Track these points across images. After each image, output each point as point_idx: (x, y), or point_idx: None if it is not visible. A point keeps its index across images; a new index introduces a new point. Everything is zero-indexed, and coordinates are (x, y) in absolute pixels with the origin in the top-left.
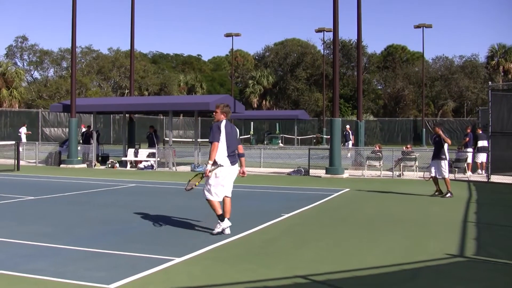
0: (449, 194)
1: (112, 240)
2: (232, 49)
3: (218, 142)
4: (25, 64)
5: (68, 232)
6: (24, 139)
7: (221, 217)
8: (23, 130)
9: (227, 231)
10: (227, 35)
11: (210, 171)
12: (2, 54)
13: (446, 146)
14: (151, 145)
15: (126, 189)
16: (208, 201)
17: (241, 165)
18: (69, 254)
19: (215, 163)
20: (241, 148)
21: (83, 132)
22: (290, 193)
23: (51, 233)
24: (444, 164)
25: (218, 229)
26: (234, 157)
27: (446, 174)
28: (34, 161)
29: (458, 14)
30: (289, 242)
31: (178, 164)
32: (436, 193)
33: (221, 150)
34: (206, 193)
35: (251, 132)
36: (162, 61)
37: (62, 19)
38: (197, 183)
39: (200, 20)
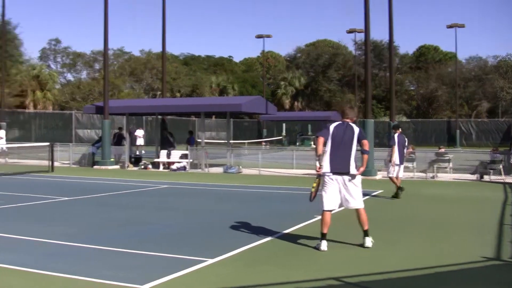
0: None
1: (144, 241)
2: (263, 50)
3: (323, 138)
4: (58, 66)
5: (100, 232)
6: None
7: (323, 236)
8: (139, 133)
9: (323, 247)
10: (258, 37)
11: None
12: (36, 57)
13: None
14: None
15: (159, 190)
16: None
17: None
18: (101, 254)
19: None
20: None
21: (115, 133)
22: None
23: (83, 234)
24: None
25: (316, 245)
26: (340, 162)
27: None
28: (68, 162)
29: (491, 13)
30: None
31: (211, 165)
32: None
33: (326, 152)
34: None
35: (283, 134)
36: (193, 63)
37: (94, 22)
38: (314, 184)
39: (231, 21)
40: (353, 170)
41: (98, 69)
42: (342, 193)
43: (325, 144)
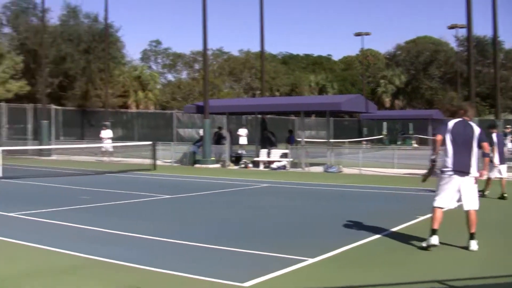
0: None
1: (244, 239)
2: (362, 48)
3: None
4: (159, 67)
5: (200, 229)
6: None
7: (433, 232)
8: (242, 132)
9: (433, 241)
10: (357, 34)
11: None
12: (138, 58)
13: None
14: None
15: (259, 189)
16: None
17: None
18: (201, 251)
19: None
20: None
21: (215, 132)
22: (426, 195)
23: (183, 231)
24: None
25: (424, 244)
26: (462, 161)
27: None
28: (170, 161)
29: None
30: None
31: (311, 164)
32: None
33: (447, 150)
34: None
35: (384, 132)
36: (292, 62)
37: (194, 23)
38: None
39: (330, 19)
40: (473, 171)
41: (197, 69)
42: (459, 193)
43: (443, 143)
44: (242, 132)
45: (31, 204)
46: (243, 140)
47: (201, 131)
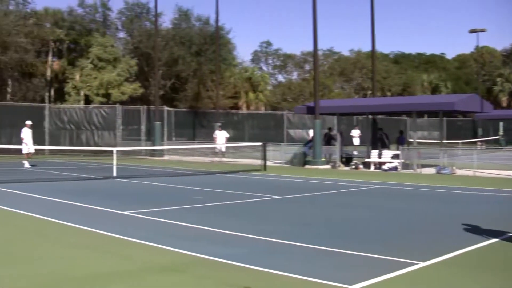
0: None
1: (350, 240)
2: (477, 45)
3: None
4: (269, 68)
5: (307, 230)
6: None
7: None
8: (355, 133)
9: None
10: (472, 31)
11: None
12: (249, 59)
13: None
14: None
15: (369, 190)
16: None
17: None
18: (307, 252)
19: None
20: None
21: (325, 133)
22: None
23: (290, 231)
24: None
25: None
26: None
27: None
28: (280, 161)
29: None
30: None
31: (423, 166)
32: None
33: None
34: None
35: (501, 133)
36: (404, 61)
37: (304, 23)
38: None
39: (442, 17)
40: None
41: (308, 69)
42: None
43: None
44: (355, 133)
45: (144, 203)
46: (356, 141)
47: (310, 132)
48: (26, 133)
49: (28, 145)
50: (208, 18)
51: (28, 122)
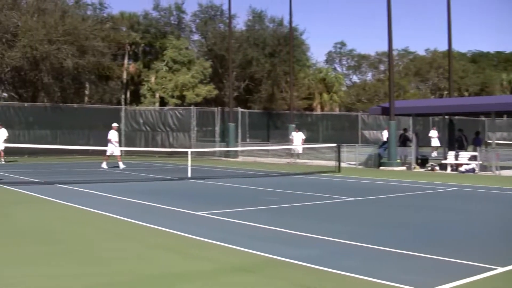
0: None
1: (424, 243)
2: None
3: None
4: (344, 69)
5: (380, 232)
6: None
7: None
8: (433, 134)
9: None
10: None
11: None
12: (323, 60)
13: None
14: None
15: (445, 193)
16: None
17: None
18: (380, 254)
19: None
20: None
21: (400, 134)
22: None
23: (364, 233)
24: None
25: None
26: None
27: None
28: (354, 163)
29: None
30: None
31: (502, 168)
32: None
33: None
34: None
35: None
36: (482, 60)
37: (379, 23)
38: None
39: None
40: None
41: (383, 70)
42: None
43: None
44: (434, 134)
45: (217, 203)
46: (435, 142)
47: (384, 133)
48: (113, 135)
49: (115, 146)
50: (281, 19)
51: (115, 124)
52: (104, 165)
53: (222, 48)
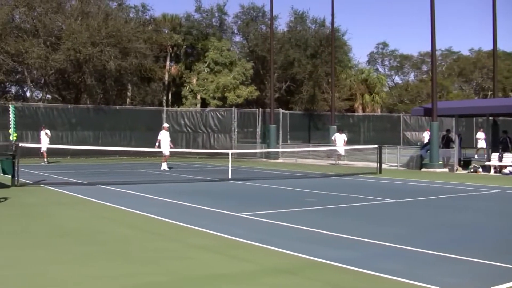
0: None
1: (468, 246)
2: None
3: None
4: (386, 69)
5: (423, 235)
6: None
7: None
8: (480, 136)
9: None
10: None
11: None
12: (365, 61)
13: None
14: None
15: (488, 195)
16: None
17: None
18: (423, 257)
19: None
20: None
21: (443, 135)
22: None
23: (406, 235)
24: None
25: None
26: None
27: None
28: (395, 164)
29: None
30: None
31: None
32: None
33: None
34: None
35: None
36: None
37: (421, 23)
38: None
39: None
40: None
41: (425, 70)
42: None
43: None
44: (481, 135)
45: (258, 205)
46: (481, 144)
47: (425, 134)
48: (164, 136)
49: (166, 148)
50: (323, 20)
51: (166, 125)
52: (164, 166)
53: (263, 49)
